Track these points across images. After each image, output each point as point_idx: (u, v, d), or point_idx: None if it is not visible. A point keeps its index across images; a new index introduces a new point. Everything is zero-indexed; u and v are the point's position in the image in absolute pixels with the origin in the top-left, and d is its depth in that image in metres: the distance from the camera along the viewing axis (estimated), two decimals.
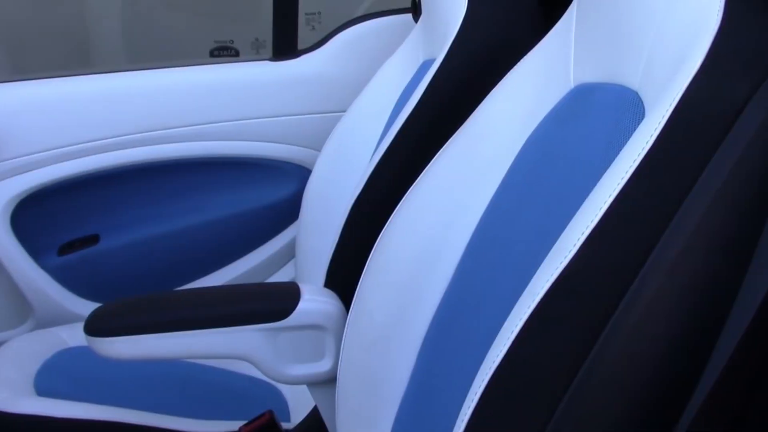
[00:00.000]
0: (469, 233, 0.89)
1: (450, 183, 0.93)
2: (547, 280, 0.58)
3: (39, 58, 2.55)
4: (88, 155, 1.64)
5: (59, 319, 1.62)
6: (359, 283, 0.96)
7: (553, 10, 1.11)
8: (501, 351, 0.59)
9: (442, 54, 1.17)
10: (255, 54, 1.93)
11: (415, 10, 1.63)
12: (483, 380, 0.59)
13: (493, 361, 0.59)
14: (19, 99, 1.66)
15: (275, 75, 1.74)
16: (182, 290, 1.63)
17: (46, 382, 1.29)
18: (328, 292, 1.13)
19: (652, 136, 0.58)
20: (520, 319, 0.58)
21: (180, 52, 2.40)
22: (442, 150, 0.95)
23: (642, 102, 0.68)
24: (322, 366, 1.07)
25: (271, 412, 1.13)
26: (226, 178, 1.73)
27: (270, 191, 1.74)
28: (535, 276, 0.60)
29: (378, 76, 1.49)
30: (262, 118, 1.71)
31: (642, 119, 0.65)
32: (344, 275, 1.15)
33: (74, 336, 1.45)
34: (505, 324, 0.60)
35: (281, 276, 1.76)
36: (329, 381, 1.06)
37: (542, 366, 0.57)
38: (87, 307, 1.66)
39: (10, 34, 2.62)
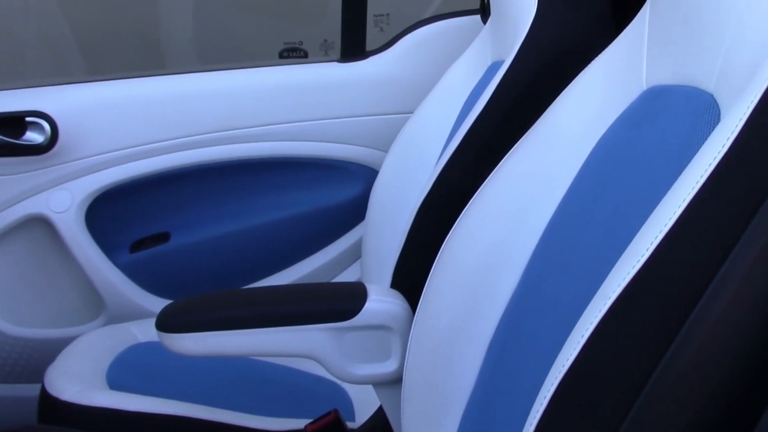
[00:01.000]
0: (538, 236, 0.89)
1: (518, 186, 0.93)
2: (619, 284, 0.57)
3: (112, 59, 2.60)
4: (159, 155, 1.67)
5: (130, 314, 1.66)
6: (426, 284, 0.96)
7: (624, 11, 1.10)
8: (571, 355, 0.58)
9: (511, 55, 1.17)
10: (323, 55, 1.94)
11: (484, 12, 1.62)
12: (552, 384, 0.59)
13: (563, 365, 0.58)
14: (93, 99, 1.70)
15: (343, 76, 1.75)
16: (250, 288, 1.65)
17: (118, 376, 1.32)
18: (395, 292, 1.13)
19: (728, 139, 0.57)
20: (591, 323, 0.58)
21: (250, 54, 2.43)
22: (510, 152, 0.94)
23: (717, 105, 0.66)
24: (388, 366, 1.07)
25: (336, 411, 1.14)
26: (293, 178, 1.75)
27: (336, 192, 1.75)
28: (607, 279, 0.59)
29: (446, 78, 1.49)
30: (329, 119, 1.72)
31: (717, 123, 0.64)
32: (411, 276, 1.15)
33: (145, 331, 1.48)
34: (576, 327, 0.60)
35: (347, 276, 1.77)
36: (395, 381, 1.06)
37: (614, 370, 0.57)
38: (157, 303, 1.69)
39: (85, 35, 2.68)
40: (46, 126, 1.60)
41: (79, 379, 1.29)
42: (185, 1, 2.77)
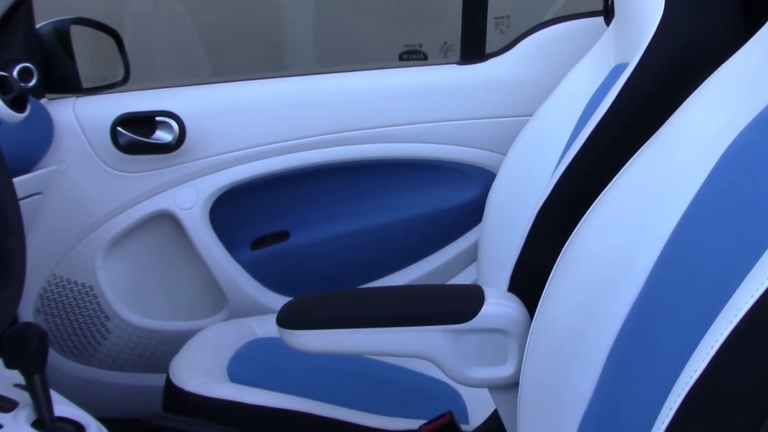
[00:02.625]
0: (662, 243, 0.87)
1: (642, 191, 0.91)
2: (752, 295, 0.55)
3: (237, 61, 2.68)
4: (281, 154, 1.71)
5: (250, 310, 1.70)
6: (545, 288, 0.95)
7: (758, 13, 1.06)
8: (699, 367, 0.57)
9: (636, 58, 1.14)
10: (443, 57, 1.95)
11: (607, 13, 1.59)
12: (678, 396, 0.57)
13: (690, 377, 0.57)
14: (218, 100, 1.76)
15: (462, 78, 1.75)
16: (368, 288, 1.67)
17: (238, 370, 1.36)
18: (512, 296, 1.12)
19: None
20: (721, 335, 0.56)
21: (370, 56, 2.46)
22: (634, 157, 0.93)
23: None
24: (505, 370, 1.07)
25: (451, 413, 1.14)
26: (411, 179, 1.76)
27: (454, 194, 1.75)
28: (738, 290, 0.58)
29: (567, 81, 1.47)
30: (448, 121, 1.72)
31: None
32: (529, 280, 1.14)
33: (264, 327, 1.52)
34: (704, 339, 0.58)
35: (462, 279, 1.77)
36: (511, 386, 1.06)
37: (745, 384, 0.55)
38: (276, 300, 1.73)
39: (210, 38, 2.77)
40: (175, 125, 1.67)
41: (201, 371, 1.33)
42: (307, 4, 2.82)
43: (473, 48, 1.78)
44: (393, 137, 1.72)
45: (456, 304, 1.07)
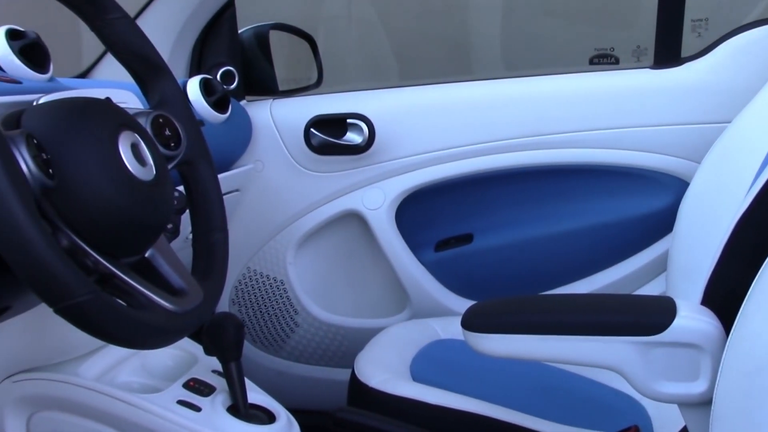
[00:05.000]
0: None
1: None
2: None
3: (424, 65, 2.72)
4: (467, 158, 1.72)
5: (432, 311, 1.73)
6: (743, 304, 0.91)
7: None
8: None
9: None
10: (635, 61, 1.90)
11: None
12: None
13: None
14: (407, 103, 1.79)
15: (656, 83, 1.70)
16: (555, 294, 1.65)
17: (421, 369, 1.38)
18: (706, 310, 1.08)
19: None
20: None
21: (559, 60, 2.43)
22: None
23: None
24: (696, 387, 1.03)
25: (637, 427, 1.11)
26: (598, 186, 1.72)
27: (643, 202, 1.70)
28: None
29: None
30: (639, 127, 1.68)
31: None
32: (725, 294, 1.09)
33: (446, 328, 1.53)
34: None
35: (650, 289, 1.72)
36: (703, 404, 1.01)
37: None
38: (458, 302, 1.75)
39: (399, 43, 2.82)
40: (365, 128, 1.71)
41: (385, 369, 1.36)
42: (494, 8, 2.82)
43: (668, 51, 1.72)
44: (581, 143, 1.69)
45: (646, 316, 1.04)
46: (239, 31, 1.83)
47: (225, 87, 1.65)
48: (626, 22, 2.37)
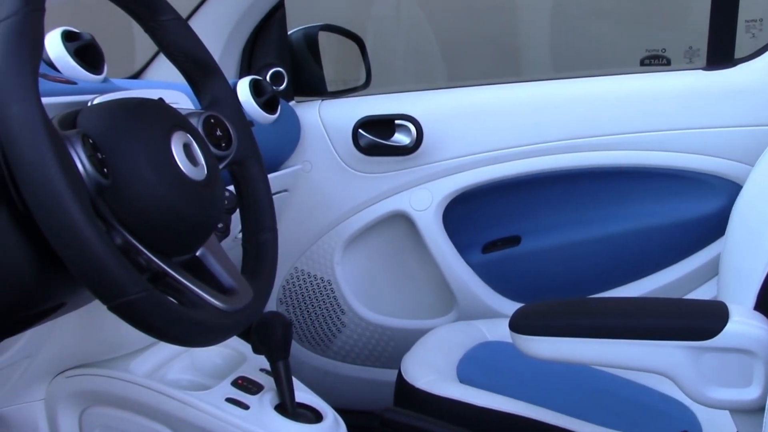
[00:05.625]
0: None
1: None
2: None
3: (472, 66, 2.71)
4: (514, 160, 1.71)
5: (478, 313, 1.72)
6: None
7: None
8: None
9: None
10: (687, 62, 1.87)
11: None
12: None
13: None
14: (454, 105, 1.78)
15: (708, 84, 1.67)
16: (603, 298, 1.64)
17: (467, 371, 1.38)
18: (760, 315, 1.06)
19: None
20: None
21: (609, 61, 2.41)
22: None
23: None
24: (749, 393, 1.01)
25: None
26: (648, 188, 1.70)
27: (694, 204, 1.67)
28: None
29: None
30: (691, 129, 1.65)
31: None
32: None
33: (493, 330, 1.53)
34: None
35: (701, 294, 1.69)
36: (756, 410, 1.00)
37: None
38: (504, 304, 1.74)
39: (447, 44, 2.82)
40: (413, 129, 1.71)
41: (432, 370, 1.36)
42: (544, 9, 2.80)
43: (721, 52, 1.69)
44: (631, 144, 1.67)
45: (698, 320, 1.03)
46: (289, 33, 1.84)
47: (274, 88, 1.66)
48: (678, 23, 2.34)
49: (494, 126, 1.73)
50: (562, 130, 1.70)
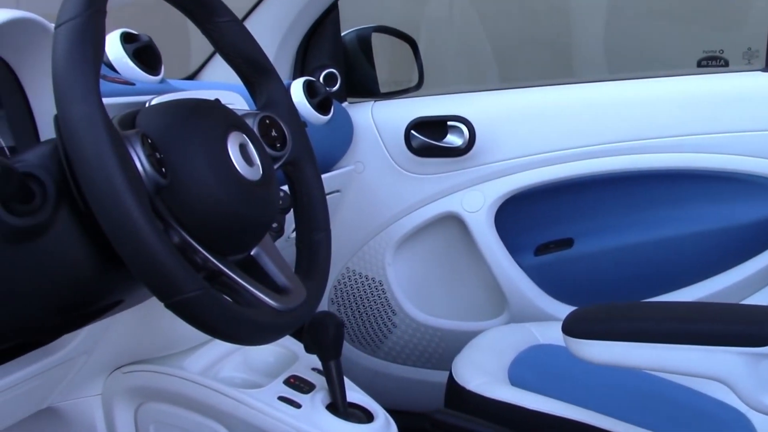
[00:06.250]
0: None
1: None
2: None
3: (525, 67, 2.69)
4: (567, 162, 1.70)
5: (530, 315, 1.71)
6: None
7: None
8: None
9: None
10: (746, 64, 1.84)
11: None
12: None
13: None
14: (507, 106, 1.78)
15: (767, 86, 1.64)
16: (658, 302, 1.62)
17: (519, 374, 1.37)
18: None
19: None
20: None
21: (665, 62, 2.38)
22: None
23: None
24: None
25: None
26: (704, 191, 1.67)
27: (753, 208, 1.65)
28: None
29: None
30: (750, 131, 1.62)
31: None
32: None
33: (545, 333, 1.52)
34: None
35: (758, 299, 1.66)
36: None
37: None
38: (557, 307, 1.73)
39: (500, 44, 2.80)
40: (465, 130, 1.71)
41: (483, 372, 1.36)
42: (598, 9, 2.78)
43: None
44: (687, 147, 1.65)
45: (756, 326, 1.01)
46: (342, 34, 1.85)
47: (327, 89, 1.67)
48: (737, 24, 2.30)
49: (548, 128, 1.72)
50: (617, 132, 1.68)
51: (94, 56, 0.77)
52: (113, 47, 1.20)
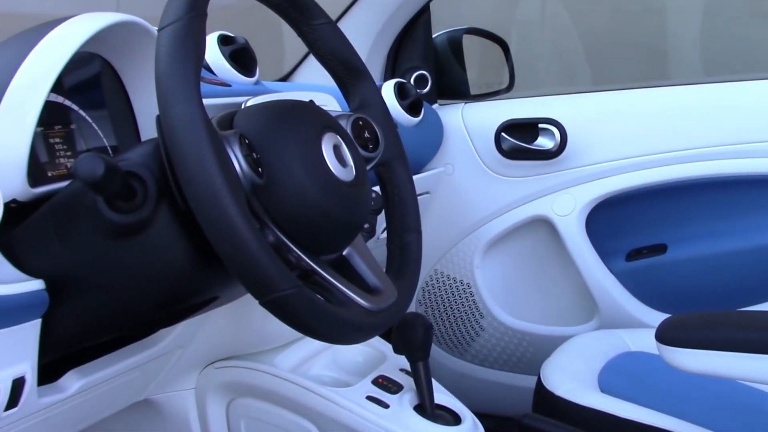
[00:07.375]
0: None
1: None
2: None
3: (619, 69, 2.65)
4: (661, 166, 1.66)
5: (621, 321, 1.68)
6: None
7: None
8: None
9: None
10: None
11: None
12: None
13: None
14: (599, 108, 1.75)
15: None
16: (757, 311, 1.57)
17: (609, 381, 1.35)
18: None
19: None
20: None
21: (764, 64, 2.31)
22: None
23: None
24: None
25: None
26: None
27: None
28: None
29: None
30: None
31: None
32: None
33: (636, 341, 1.49)
34: None
35: None
36: None
37: None
38: (649, 314, 1.69)
39: (593, 46, 2.77)
40: (556, 133, 1.69)
41: (572, 378, 1.34)
42: (695, 9, 2.71)
43: None
44: None
45: None
46: (433, 36, 1.85)
47: (418, 91, 1.67)
48: None
49: (641, 131, 1.69)
50: (713, 136, 1.64)
51: (195, 58, 0.79)
52: (211, 49, 1.23)
